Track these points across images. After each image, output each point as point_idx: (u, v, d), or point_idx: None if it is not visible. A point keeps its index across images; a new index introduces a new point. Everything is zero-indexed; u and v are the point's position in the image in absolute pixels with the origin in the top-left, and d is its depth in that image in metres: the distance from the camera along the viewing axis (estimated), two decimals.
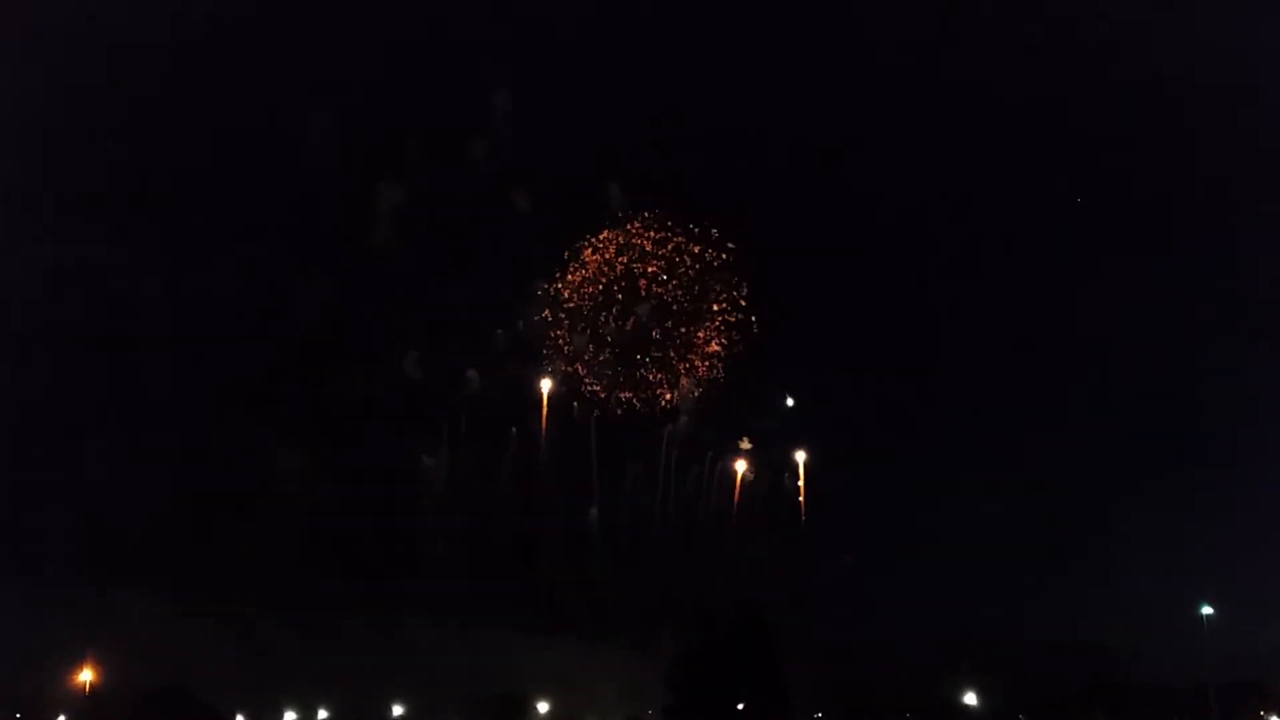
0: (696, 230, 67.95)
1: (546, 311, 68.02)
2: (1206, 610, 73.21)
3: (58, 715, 64.11)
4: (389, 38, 68.23)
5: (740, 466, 69.13)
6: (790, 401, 70.60)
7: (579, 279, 67.54)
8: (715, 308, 67.86)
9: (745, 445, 68.59)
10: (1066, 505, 77.20)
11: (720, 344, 67.65)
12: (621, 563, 68.84)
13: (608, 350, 67.15)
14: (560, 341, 67.81)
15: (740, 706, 65.13)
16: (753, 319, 68.02)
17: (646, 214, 68.05)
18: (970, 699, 71.40)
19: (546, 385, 68.17)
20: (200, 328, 64.60)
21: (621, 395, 67.52)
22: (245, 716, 69.65)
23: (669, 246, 67.73)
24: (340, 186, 66.59)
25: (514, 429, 67.25)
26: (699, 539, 70.36)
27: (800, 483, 69.84)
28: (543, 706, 71.09)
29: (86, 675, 62.29)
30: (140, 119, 63.83)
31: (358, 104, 67.61)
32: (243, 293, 65.57)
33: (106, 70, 63.27)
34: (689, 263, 67.73)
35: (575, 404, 67.14)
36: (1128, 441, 78.29)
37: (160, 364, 62.90)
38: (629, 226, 68.06)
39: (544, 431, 67.59)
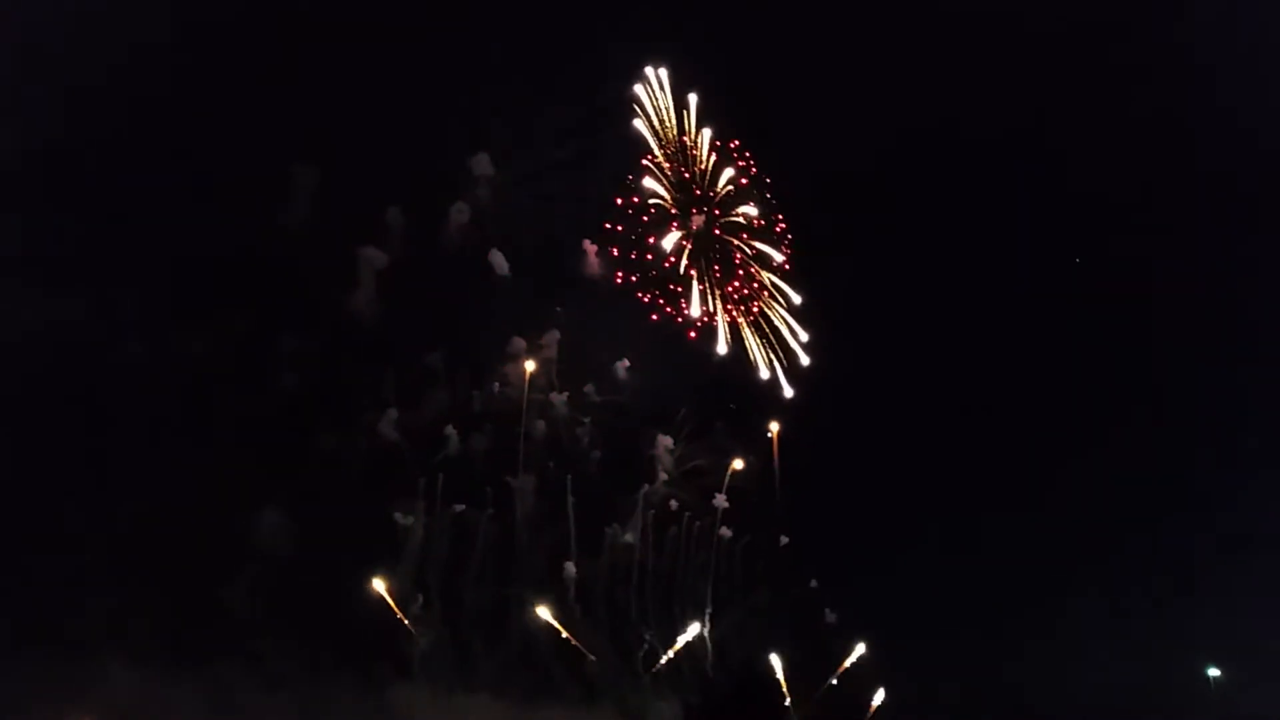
0: None
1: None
2: (1214, 671, 71.65)
3: None
4: (368, 96, 68.43)
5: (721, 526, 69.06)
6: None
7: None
8: None
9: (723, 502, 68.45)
10: (1067, 562, 76.02)
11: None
12: (601, 625, 68.54)
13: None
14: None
15: None
16: None
17: None
18: None
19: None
20: (177, 390, 64.34)
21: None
22: None
23: None
24: (320, 246, 67.22)
25: (489, 489, 67.39)
26: (681, 599, 69.82)
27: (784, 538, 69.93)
28: None
29: None
30: (113, 176, 64.73)
31: (339, 165, 68.04)
32: (219, 355, 65.35)
33: (81, 124, 64.54)
34: None
35: (551, 464, 67.85)
36: (1132, 497, 77.11)
37: (136, 426, 62.71)
38: None
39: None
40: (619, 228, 69.46)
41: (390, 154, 69.30)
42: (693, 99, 71.71)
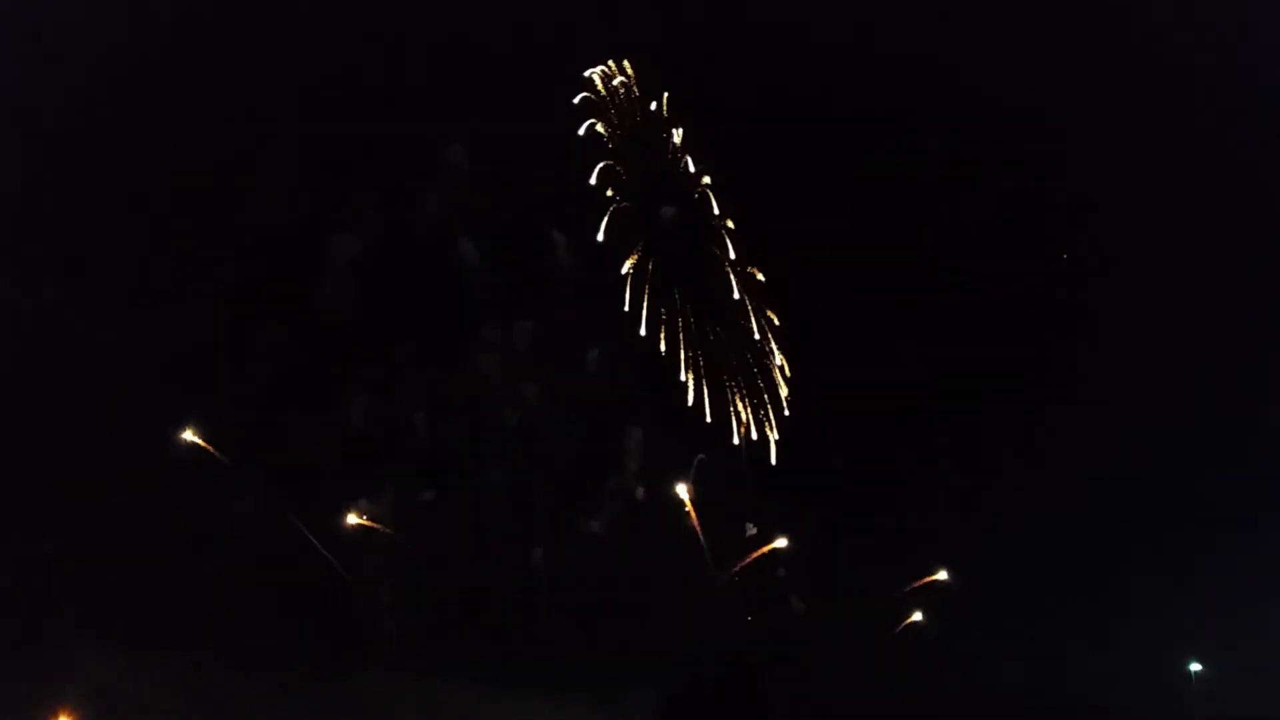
0: None
1: None
2: (1195, 666, 70.96)
3: None
4: (342, 85, 68.74)
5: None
6: None
7: None
8: None
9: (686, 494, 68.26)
10: (1056, 560, 75.49)
11: None
12: (574, 612, 68.58)
13: None
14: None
15: None
16: None
17: None
18: None
19: None
20: (150, 377, 64.78)
21: None
22: None
23: None
24: (291, 234, 67.56)
25: (459, 477, 67.66)
26: (653, 589, 69.70)
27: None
28: None
29: None
30: (89, 163, 65.00)
31: (312, 149, 68.15)
32: (195, 342, 65.73)
33: (54, 111, 65.12)
34: None
35: (520, 453, 68.15)
36: (1122, 497, 76.44)
37: (107, 415, 63.21)
38: None
39: None
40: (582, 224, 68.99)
41: (363, 142, 69.69)
42: (665, 95, 70.93)
